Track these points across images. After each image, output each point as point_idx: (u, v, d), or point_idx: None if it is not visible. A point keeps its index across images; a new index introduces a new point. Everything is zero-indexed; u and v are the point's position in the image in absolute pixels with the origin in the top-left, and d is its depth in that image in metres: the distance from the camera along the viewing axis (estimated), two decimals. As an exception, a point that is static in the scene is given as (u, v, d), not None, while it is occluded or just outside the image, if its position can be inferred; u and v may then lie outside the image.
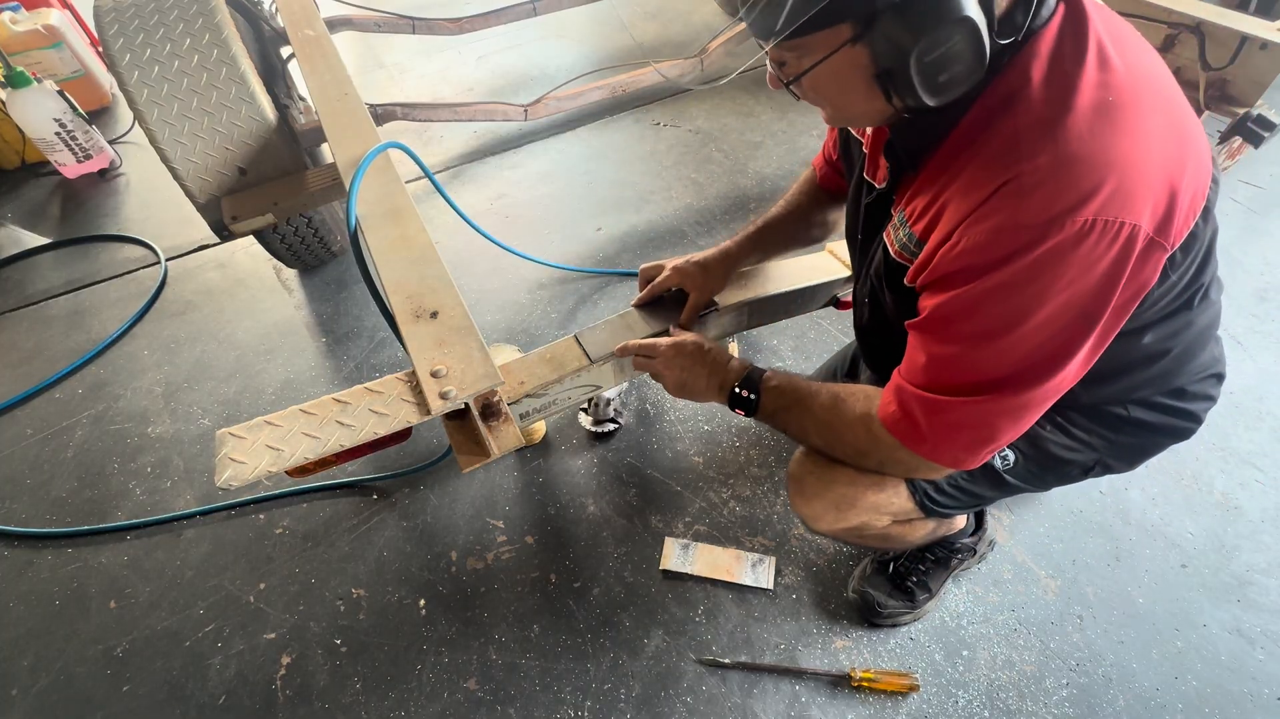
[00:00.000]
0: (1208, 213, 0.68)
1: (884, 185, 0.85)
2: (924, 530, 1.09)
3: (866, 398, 0.85)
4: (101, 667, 1.30)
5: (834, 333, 1.80)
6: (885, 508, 0.94)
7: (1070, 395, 0.85)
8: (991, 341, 0.68)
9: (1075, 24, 0.64)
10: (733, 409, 0.97)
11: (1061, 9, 0.65)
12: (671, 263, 1.16)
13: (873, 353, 1.06)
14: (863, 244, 0.95)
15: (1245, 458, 1.47)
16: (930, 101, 0.64)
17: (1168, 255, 0.65)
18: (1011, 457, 0.92)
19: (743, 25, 0.67)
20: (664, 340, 1.04)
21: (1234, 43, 1.46)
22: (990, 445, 0.75)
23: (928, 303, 0.73)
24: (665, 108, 2.79)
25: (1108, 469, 0.95)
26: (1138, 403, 0.89)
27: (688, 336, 1.04)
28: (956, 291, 0.68)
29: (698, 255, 1.16)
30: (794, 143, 2.54)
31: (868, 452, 0.85)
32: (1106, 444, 0.91)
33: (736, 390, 0.95)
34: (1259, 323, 1.75)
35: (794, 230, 1.20)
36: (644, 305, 1.18)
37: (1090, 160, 0.60)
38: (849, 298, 1.32)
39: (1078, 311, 0.64)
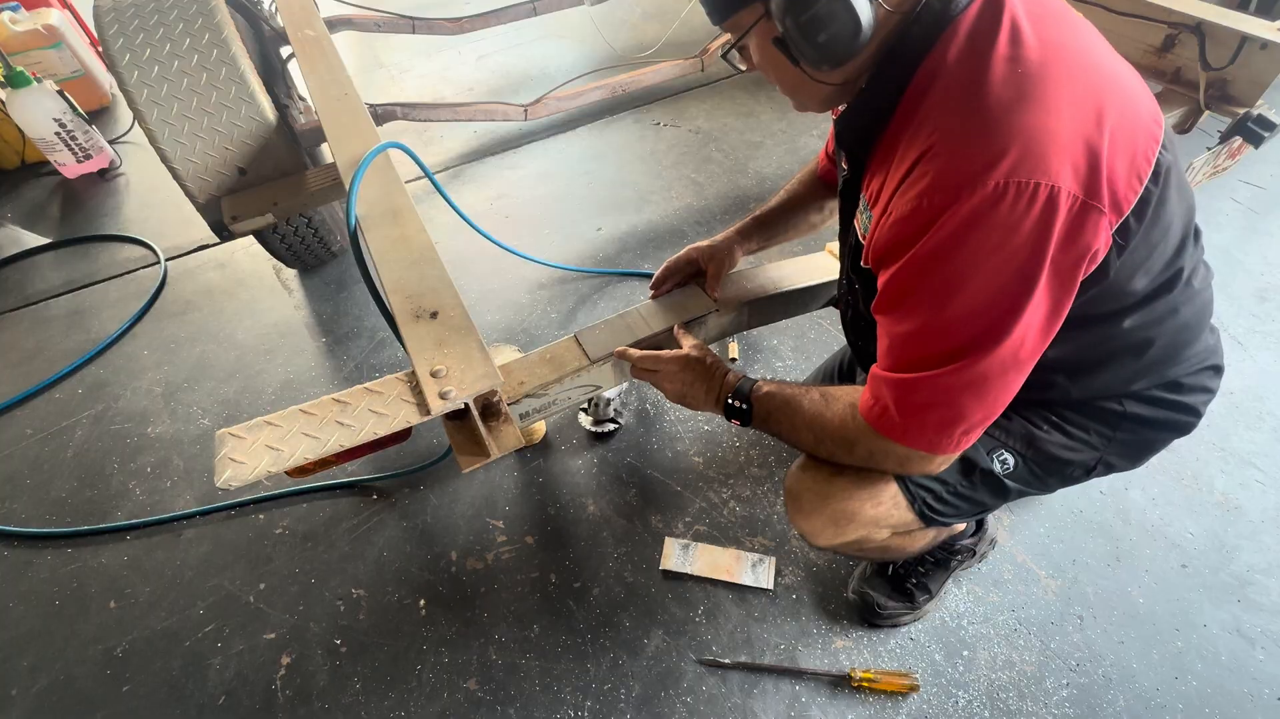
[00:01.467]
0: (1158, 176, 0.69)
1: (848, 173, 0.87)
2: (925, 540, 1.08)
3: (851, 391, 0.87)
4: (101, 667, 1.30)
5: (834, 333, 1.80)
6: (884, 521, 0.94)
7: (1061, 391, 0.86)
8: (938, 310, 0.70)
9: (993, 5, 0.68)
10: (729, 419, 0.99)
11: None
12: (685, 249, 1.22)
13: (860, 346, 1.07)
14: (841, 234, 0.97)
15: (1245, 458, 1.47)
16: (816, 60, 0.70)
17: (1117, 220, 0.66)
18: (1011, 460, 0.92)
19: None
20: (665, 354, 1.05)
21: (1234, 43, 1.45)
22: (960, 425, 0.76)
23: (880, 282, 0.76)
24: (665, 108, 2.79)
25: (1110, 468, 0.95)
26: (1133, 397, 0.88)
27: (689, 349, 1.05)
28: (898, 265, 0.72)
29: (706, 240, 1.22)
30: (794, 143, 2.54)
31: (854, 443, 0.85)
32: (1105, 441, 0.91)
33: (730, 402, 0.98)
34: (1259, 323, 1.75)
35: (793, 217, 1.23)
36: (657, 299, 1.21)
37: (996, 127, 0.63)
38: (849, 297, 1.32)
39: (1013, 272, 0.66)
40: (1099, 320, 0.75)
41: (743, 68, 0.82)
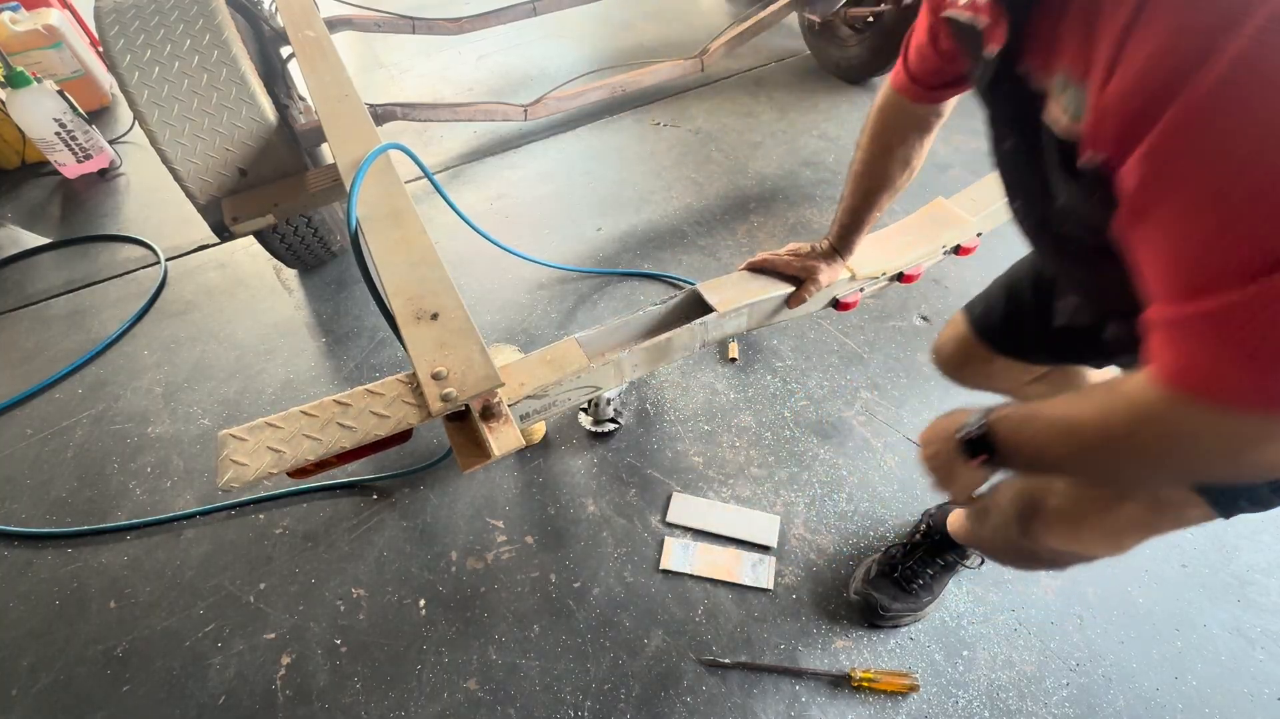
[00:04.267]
0: None
1: (1006, 43, 0.62)
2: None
3: (1108, 384, 0.59)
4: (101, 667, 1.30)
5: (834, 333, 1.80)
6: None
7: None
8: (1246, 170, 0.43)
9: None
10: (972, 457, 0.74)
11: None
12: (797, 247, 1.17)
13: (1080, 274, 0.82)
14: (1023, 148, 0.70)
15: (1245, 458, 1.47)
16: None
17: None
18: None
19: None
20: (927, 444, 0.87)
21: (1234, 43, 1.46)
22: None
23: (1126, 174, 0.50)
24: (665, 108, 2.79)
25: None
26: None
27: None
28: (1158, 130, 0.46)
29: (818, 245, 1.17)
30: (794, 143, 2.54)
31: (1141, 441, 0.56)
32: None
33: (961, 437, 0.75)
34: (1259, 323, 1.75)
35: (889, 167, 1.05)
36: (752, 269, 1.22)
37: None
38: (849, 298, 1.32)
39: None
40: None
41: None
